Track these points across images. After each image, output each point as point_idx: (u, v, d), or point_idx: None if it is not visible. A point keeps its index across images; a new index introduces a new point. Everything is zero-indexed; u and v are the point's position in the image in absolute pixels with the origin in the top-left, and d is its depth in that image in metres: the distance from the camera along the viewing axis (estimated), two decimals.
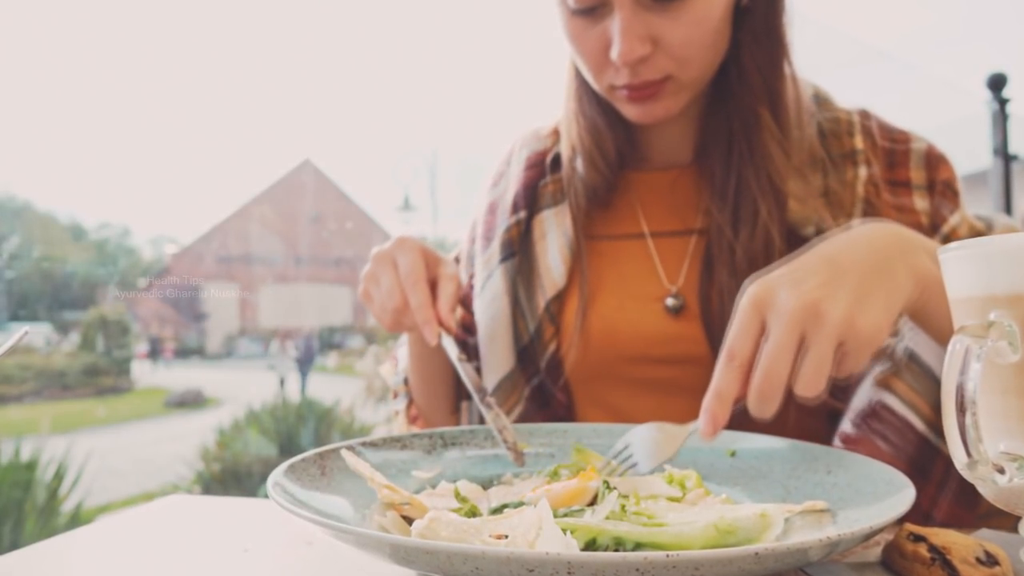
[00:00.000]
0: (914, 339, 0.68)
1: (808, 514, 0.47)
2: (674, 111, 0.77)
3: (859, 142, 0.79)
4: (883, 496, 0.46)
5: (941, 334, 0.61)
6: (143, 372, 10.78)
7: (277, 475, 0.47)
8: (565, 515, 0.43)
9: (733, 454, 0.60)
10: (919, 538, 0.43)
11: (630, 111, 0.77)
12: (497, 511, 0.45)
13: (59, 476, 3.76)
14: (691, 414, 0.60)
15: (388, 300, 0.74)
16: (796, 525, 0.46)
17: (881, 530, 0.38)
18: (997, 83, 2.84)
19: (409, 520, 0.49)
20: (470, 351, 0.88)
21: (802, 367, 0.50)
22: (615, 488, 0.46)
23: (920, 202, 0.77)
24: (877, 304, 0.52)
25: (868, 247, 0.56)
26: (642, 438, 0.58)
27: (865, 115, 0.82)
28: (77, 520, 3.66)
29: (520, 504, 0.44)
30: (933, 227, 0.76)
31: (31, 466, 3.69)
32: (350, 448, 0.57)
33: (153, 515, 0.65)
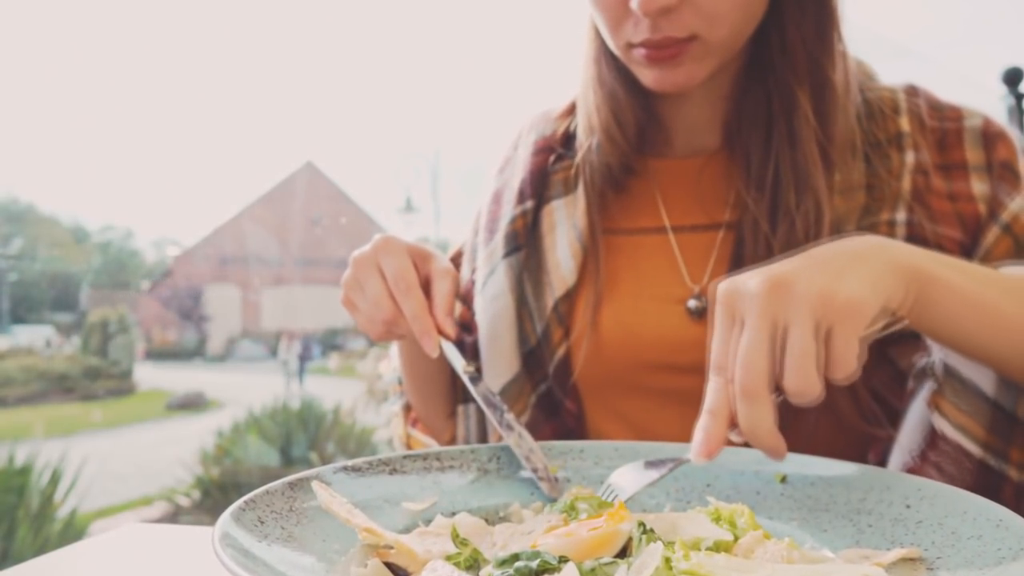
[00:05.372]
0: (947, 351, 0.59)
1: (896, 564, 0.37)
2: (697, 79, 0.68)
3: (905, 124, 0.70)
4: (993, 543, 0.36)
5: (954, 342, 0.54)
6: (145, 374, 10.72)
7: (227, 521, 0.36)
8: (592, 571, 0.34)
9: (783, 479, 0.51)
10: None
11: (648, 75, 0.68)
12: (507, 563, 0.35)
13: (54, 481, 3.67)
14: None
15: (376, 311, 0.64)
16: None
17: None
18: (1013, 78, 2.75)
19: (394, 569, 0.40)
20: (466, 350, 0.79)
21: (785, 359, 0.45)
22: (654, 533, 0.37)
23: (978, 185, 0.69)
24: (853, 278, 0.47)
25: (842, 246, 0.52)
26: (623, 474, 0.52)
27: (912, 91, 0.74)
28: (71, 526, 3.58)
29: (536, 555, 0.34)
30: (991, 215, 0.68)
31: (25, 471, 3.60)
32: (332, 473, 0.48)
33: (103, 550, 0.55)
